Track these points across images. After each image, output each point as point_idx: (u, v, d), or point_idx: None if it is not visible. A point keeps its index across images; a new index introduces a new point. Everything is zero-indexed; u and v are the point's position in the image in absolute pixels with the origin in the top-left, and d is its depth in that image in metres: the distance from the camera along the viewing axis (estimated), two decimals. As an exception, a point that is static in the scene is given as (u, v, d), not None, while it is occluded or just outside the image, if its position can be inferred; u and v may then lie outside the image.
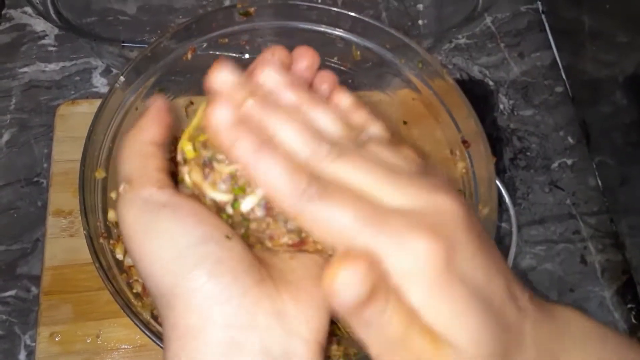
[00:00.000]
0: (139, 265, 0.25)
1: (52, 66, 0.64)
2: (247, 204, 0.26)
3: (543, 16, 0.73)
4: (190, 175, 0.27)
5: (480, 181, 0.46)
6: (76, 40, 0.64)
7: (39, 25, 0.65)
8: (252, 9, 0.50)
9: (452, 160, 0.49)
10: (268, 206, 0.26)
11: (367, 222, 0.22)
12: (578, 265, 0.61)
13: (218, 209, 0.27)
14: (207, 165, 0.26)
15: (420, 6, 0.70)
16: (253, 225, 0.26)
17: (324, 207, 0.23)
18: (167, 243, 0.24)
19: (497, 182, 0.49)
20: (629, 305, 0.60)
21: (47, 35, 0.65)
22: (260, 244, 0.27)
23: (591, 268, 0.61)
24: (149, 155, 0.28)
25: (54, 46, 0.65)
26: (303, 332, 0.24)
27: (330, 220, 0.22)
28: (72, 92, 0.62)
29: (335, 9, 0.50)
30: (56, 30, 0.65)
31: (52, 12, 0.58)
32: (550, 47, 0.72)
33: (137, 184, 0.26)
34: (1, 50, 0.64)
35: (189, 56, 0.49)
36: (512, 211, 0.57)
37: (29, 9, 0.65)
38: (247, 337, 0.23)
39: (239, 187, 0.26)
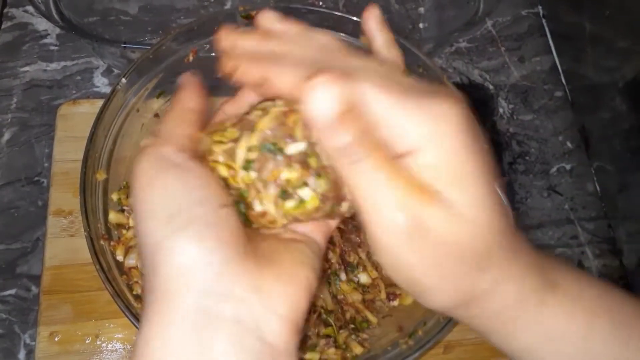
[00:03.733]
0: (137, 217, 0.26)
1: (54, 65, 0.64)
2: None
3: (544, 21, 0.74)
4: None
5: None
6: (78, 40, 0.65)
7: (41, 24, 0.65)
8: (253, 12, 0.50)
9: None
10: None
11: (390, 90, 0.24)
12: (575, 270, 0.62)
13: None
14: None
15: (421, 10, 0.71)
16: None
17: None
18: (166, 199, 0.25)
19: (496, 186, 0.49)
20: (626, 311, 0.60)
21: (48, 34, 0.65)
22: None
23: (588, 273, 0.62)
24: (185, 121, 0.29)
25: (55, 45, 0.65)
26: (279, 309, 0.25)
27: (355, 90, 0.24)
28: (74, 92, 0.63)
29: (337, 13, 0.50)
30: (58, 30, 0.65)
31: (54, 11, 0.58)
32: (551, 52, 0.72)
33: (161, 140, 0.28)
34: (3, 49, 0.64)
35: (191, 58, 0.49)
36: (510, 215, 0.58)
37: (30, 8, 0.65)
38: (221, 306, 0.24)
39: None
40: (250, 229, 0.28)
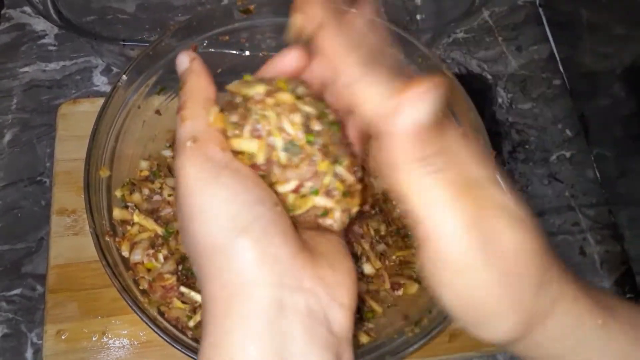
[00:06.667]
0: (192, 222, 0.25)
1: (53, 65, 0.64)
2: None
3: (540, 9, 0.74)
4: None
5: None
6: (76, 40, 0.65)
7: (39, 24, 0.65)
8: (252, 7, 0.50)
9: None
10: None
11: None
12: (577, 257, 0.62)
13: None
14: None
15: (418, 1, 0.71)
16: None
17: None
18: (226, 200, 0.25)
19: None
20: (628, 296, 0.61)
21: (47, 34, 0.65)
22: None
23: (590, 259, 0.62)
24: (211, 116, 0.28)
25: (54, 45, 0.65)
26: (341, 298, 0.26)
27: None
28: (73, 91, 0.63)
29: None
30: (56, 30, 0.65)
31: (52, 11, 0.58)
32: (548, 40, 0.72)
33: (204, 141, 0.26)
34: (1, 51, 0.64)
35: (190, 54, 0.49)
36: (511, 204, 0.58)
37: (28, 9, 0.66)
38: (294, 299, 0.24)
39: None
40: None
